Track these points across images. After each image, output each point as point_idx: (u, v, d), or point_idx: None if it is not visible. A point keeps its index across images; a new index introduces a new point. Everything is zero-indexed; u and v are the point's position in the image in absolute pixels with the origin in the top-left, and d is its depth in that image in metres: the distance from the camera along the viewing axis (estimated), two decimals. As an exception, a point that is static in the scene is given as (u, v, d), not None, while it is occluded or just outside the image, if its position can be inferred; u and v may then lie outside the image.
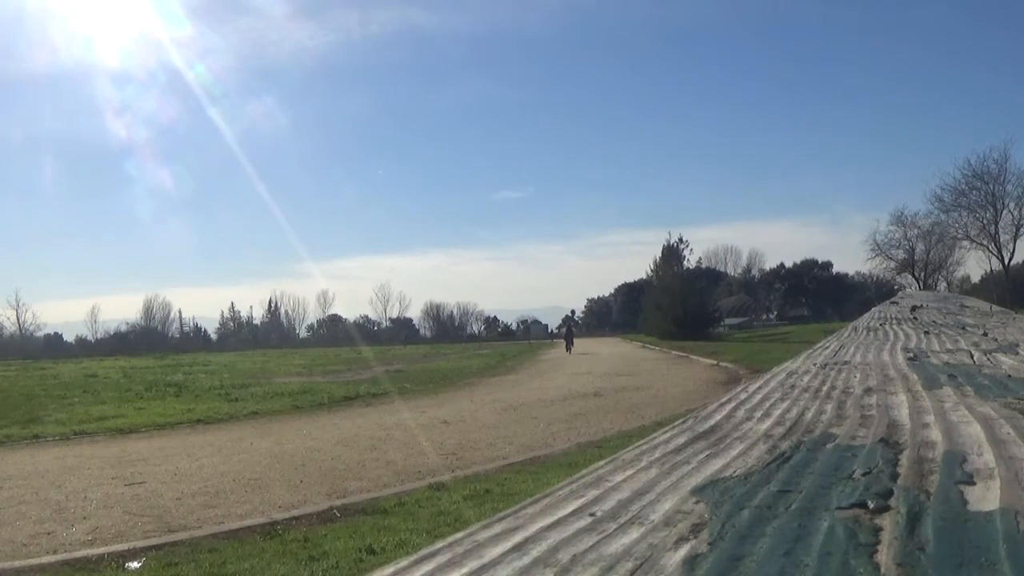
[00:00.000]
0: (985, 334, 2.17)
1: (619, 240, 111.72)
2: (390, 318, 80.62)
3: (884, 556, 0.49)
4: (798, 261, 72.71)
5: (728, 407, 1.03)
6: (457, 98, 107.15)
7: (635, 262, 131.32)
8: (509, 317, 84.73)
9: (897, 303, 3.91)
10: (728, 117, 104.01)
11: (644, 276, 59.96)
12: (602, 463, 0.75)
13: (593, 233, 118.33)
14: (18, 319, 70.32)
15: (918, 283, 48.37)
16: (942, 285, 48.76)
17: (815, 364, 1.51)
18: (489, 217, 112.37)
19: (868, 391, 1.14)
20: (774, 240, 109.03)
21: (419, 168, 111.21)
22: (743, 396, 1.11)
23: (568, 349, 34.51)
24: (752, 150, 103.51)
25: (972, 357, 1.60)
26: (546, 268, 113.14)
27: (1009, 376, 1.28)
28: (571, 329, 43.61)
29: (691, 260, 51.60)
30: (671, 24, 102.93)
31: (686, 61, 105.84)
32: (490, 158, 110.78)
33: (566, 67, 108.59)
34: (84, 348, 69.37)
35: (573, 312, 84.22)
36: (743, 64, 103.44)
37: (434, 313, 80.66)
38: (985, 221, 45.05)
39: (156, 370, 27.51)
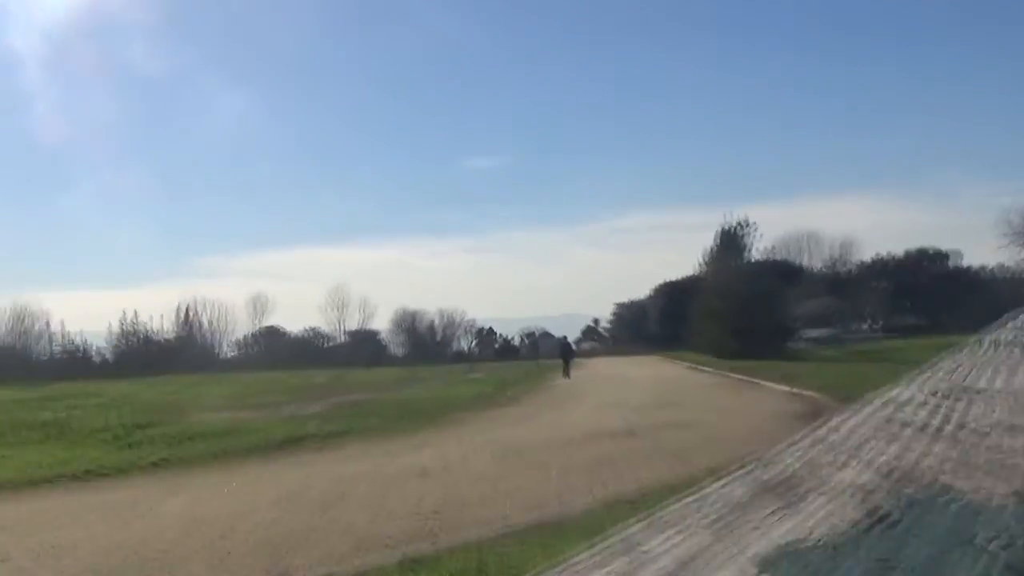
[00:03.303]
0: None
1: (640, 225, 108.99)
2: (348, 331, 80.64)
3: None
4: (912, 250, 71.91)
5: (805, 448, 1.03)
6: (411, 38, 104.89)
7: (672, 255, 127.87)
8: (510, 328, 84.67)
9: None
10: (786, 53, 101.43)
11: (692, 272, 60.06)
12: (635, 523, 0.75)
13: (607, 216, 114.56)
14: None
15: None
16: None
17: (928, 391, 1.51)
18: (460, 194, 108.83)
19: (1005, 429, 1.14)
20: (862, 221, 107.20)
21: (365, 130, 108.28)
22: (826, 434, 1.11)
23: (566, 373, 36.85)
24: (826, 96, 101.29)
25: None
26: (554, 263, 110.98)
27: None
28: (569, 347, 44.80)
29: (758, 250, 51.66)
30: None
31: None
32: (453, 114, 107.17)
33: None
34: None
35: (597, 321, 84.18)
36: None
37: (408, 324, 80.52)
38: None
39: (23, 404, 27.51)
